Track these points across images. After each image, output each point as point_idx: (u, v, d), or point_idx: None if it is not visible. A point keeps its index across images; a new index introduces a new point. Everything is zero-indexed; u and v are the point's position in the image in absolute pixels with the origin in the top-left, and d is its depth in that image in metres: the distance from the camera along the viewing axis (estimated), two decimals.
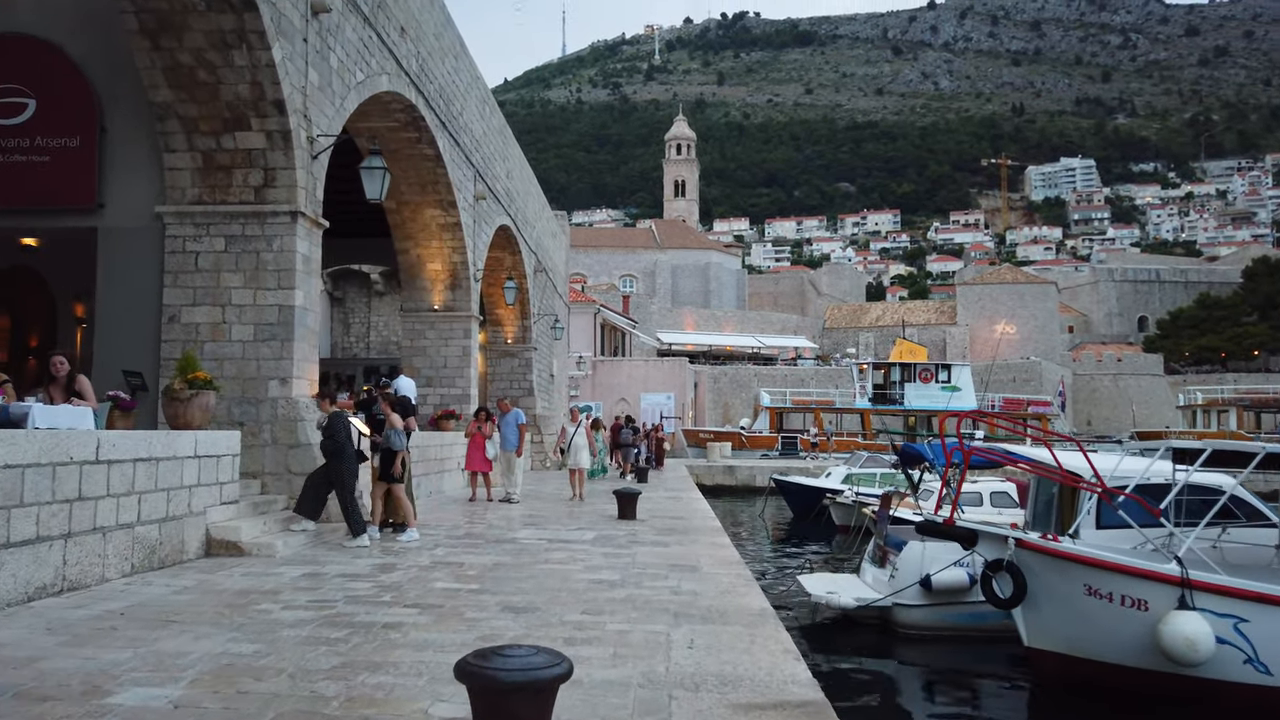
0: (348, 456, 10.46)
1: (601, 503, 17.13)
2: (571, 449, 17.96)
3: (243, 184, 11.87)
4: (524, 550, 10.53)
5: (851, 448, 44.40)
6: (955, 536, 9.67)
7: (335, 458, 10.38)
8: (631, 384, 52.98)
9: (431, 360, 21.98)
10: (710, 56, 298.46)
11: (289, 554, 9.69)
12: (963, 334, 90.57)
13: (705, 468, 39.11)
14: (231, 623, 6.44)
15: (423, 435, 18.19)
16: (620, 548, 10.98)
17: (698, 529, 13.45)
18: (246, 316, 11.77)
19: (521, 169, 29.44)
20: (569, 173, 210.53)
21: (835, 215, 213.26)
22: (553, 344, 36.10)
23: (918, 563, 11.33)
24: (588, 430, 18.33)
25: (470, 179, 21.71)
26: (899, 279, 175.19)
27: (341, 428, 10.40)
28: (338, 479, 10.44)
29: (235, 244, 11.84)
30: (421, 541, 11.08)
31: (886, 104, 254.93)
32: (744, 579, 8.90)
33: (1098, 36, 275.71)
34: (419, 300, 21.96)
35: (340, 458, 10.39)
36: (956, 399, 45.39)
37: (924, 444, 12.45)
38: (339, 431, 10.39)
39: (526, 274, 29.95)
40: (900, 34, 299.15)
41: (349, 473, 10.51)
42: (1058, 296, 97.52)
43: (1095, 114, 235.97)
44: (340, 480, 10.44)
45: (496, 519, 14.15)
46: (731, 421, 62.08)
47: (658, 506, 17.10)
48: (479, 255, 22.75)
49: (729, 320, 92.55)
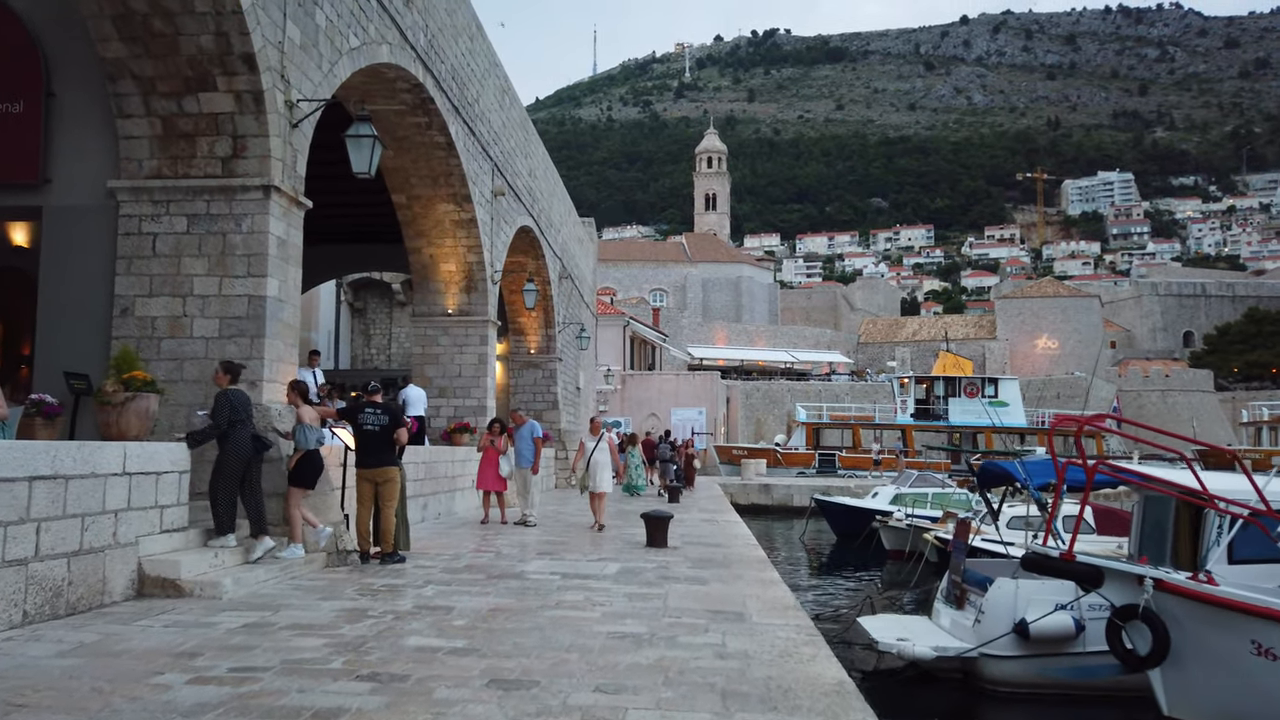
0: (233, 442, 8.59)
1: (629, 526, 15.26)
2: (591, 468, 14.90)
3: (208, 154, 10.14)
4: (531, 589, 8.67)
5: (894, 465, 42.24)
6: (1075, 575, 7.74)
7: (222, 444, 8.55)
8: (662, 399, 51.06)
9: (445, 369, 20.23)
10: (741, 73, 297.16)
11: (239, 594, 7.87)
12: (1002, 349, 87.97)
13: (739, 486, 37.10)
14: (100, 710, 4.61)
15: (432, 450, 16.42)
16: (649, 585, 9.09)
17: (740, 559, 11.53)
18: (211, 309, 10.02)
19: (546, 170, 27.74)
20: (599, 190, 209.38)
21: (867, 231, 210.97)
22: (579, 356, 34.31)
23: (1009, 604, 9.34)
24: (611, 445, 15.08)
25: (488, 173, 19.99)
26: (933, 294, 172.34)
27: (225, 407, 8.53)
28: (217, 468, 8.58)
29: (199, 224, 10.11)
30: (409, 577, 9.24)
31: (919, 119, 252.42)
32: (806, 633, 6.99)
33: (1134, 50, 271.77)
34: (431, 304, 20.23)
35: (225, 444, 8.56)
36: (1004, 415, 43.12)
37: (1014, 463, 10.43)
38: (221, 412, 8.54)
39: (551, 280, 28.21)
40: (932, 49, 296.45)
41: (233, 459, 8.59)
42: (1101, 311, 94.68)
43: (1133, 127, 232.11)
44: (220, 469, 8.57)
45: (507, 545, 12.31)
46: (764, 438, 59.99)
47: (692, 531, 15.20)
48: (497, 256, 21.00)
49: (761, 335, 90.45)
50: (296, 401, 9.48)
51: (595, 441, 14.97)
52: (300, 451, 9.29)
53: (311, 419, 9.40)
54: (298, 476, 9.29)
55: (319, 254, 29.37)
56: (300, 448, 9.30)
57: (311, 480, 9.40)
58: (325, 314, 37.81)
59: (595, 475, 14.90)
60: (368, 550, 10.16)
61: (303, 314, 36.40)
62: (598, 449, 14.91)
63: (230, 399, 8.62)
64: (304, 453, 9.28)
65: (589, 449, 15.01)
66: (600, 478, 14.88)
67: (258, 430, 8.95)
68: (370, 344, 42.04)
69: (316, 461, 9.45)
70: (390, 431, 10.19)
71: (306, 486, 9.36)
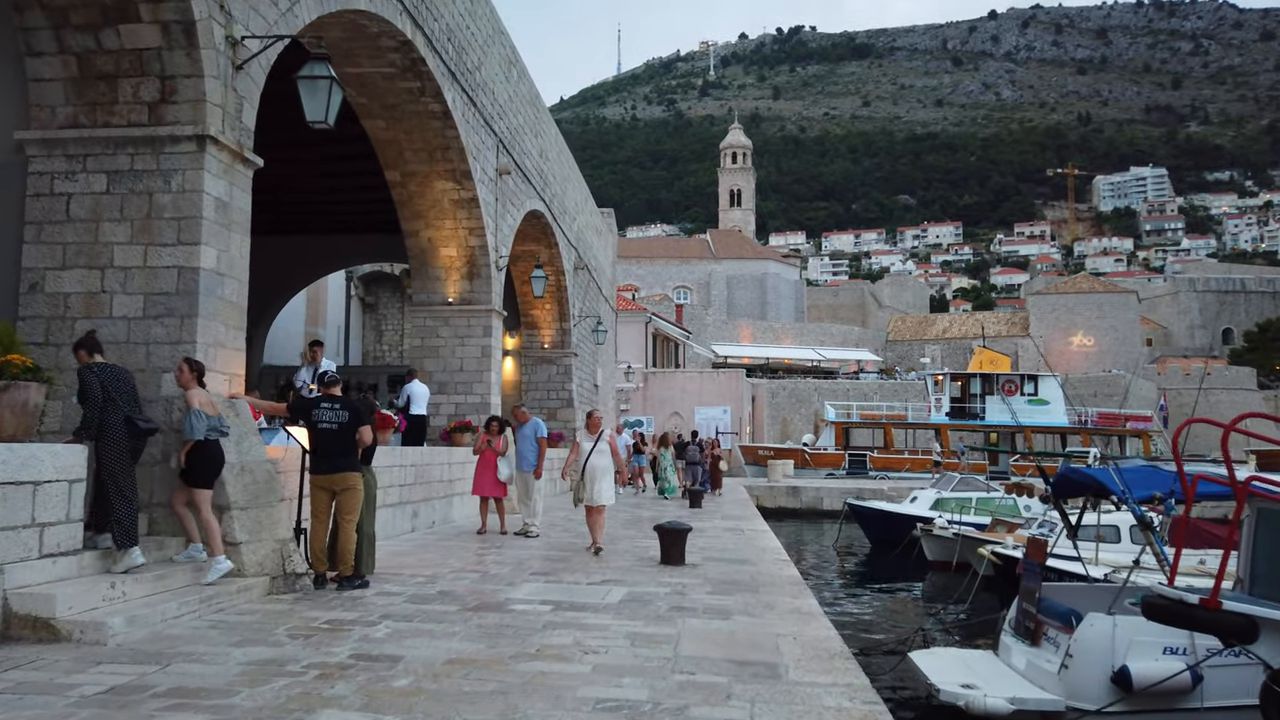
0: (109, 429, 6.91)
1: (642, 536, 13.51)
2: (587, 475, 11.79)
3: (132, 99, 8.48)
4: (510, 628, 6.93)
5: (928, 466, 40.28)
6: (1224, 629, 5.94)
7: (99, 435, 6.90)
8: (685, 397, 49.27)
9: (445, 362, 18.56)
10: (766, 71, 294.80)
11: (133, 637, 6.18)
12: (1036, 346, 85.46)
13: (766, 488, 35.26)
14: None
15: (424, 452, 14.74)
16: (658, 622, 7.35)
17: (769, 581, 9.77)
18: (134, 283, 8.36)
19: (560, 153, 26.04)
20: (623, 189, 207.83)
21: (895, 228, 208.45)
22: (596, 351, 32.60)
23: (1105, 646, 7.53)
24: (613, 445, 12.10)
25: (491, 149, 18.30)
26: (962, 292, 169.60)
27: (93, 388, 6.88)
28: (97, 466, 6.90)
29: (121, 182, 8.45)
30: (365, 608, 7.53)
31: (947, 115, 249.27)
32: (863, 699, 5.22)
33: (1167, 43, 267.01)
34: (430, 291, 18.57)
35: (103, 434, 6.90)
36: (1044, 413, 41.06)
37: (1107, 469, 8.53)
38: (90, 393, 6.86)
39: (565, 270, 26.52)
40: (960, 44, 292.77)
41: (112, 450, 6.92)
42: (1138, 307, 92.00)
43: (1166, 122, 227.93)
44: (102, 466, 6.90)
45: (499, 562, 10.60)
46: (791, 438, 58.10)
47: (714, 543, 13.43)
48: (503, 240, 19.31)
49: (787, 332, 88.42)
50: (188, 382, 7.77)
51: (592, 441, 11.96)
52: (189, 443, 7.58)
53: (203, 403, 7.67)
54: (192, 474, 7.61)
55: (326, 244, 27.92)
56: (188, 439, 7.60)
57: (211, 479, 7.70)
58: (334, 309, 36.31)
59: (592, 484, 11.84)
60: (323, 573, 8.48)
61: (310, 308, 35.04)
62: (595, 450, 11.86)
63: (98, 375, 6.94)
64: (194, 445, 7.57)
65: (584, 450, 11.95)
66: (598, 487, 11.81)
67: (133, 413, 7.19)
68: (382, 340, 40.56)
69: (215, 455, 7.75)
70: (351, 430, 8.50)
71: (204, 486, 7.66)
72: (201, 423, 7.52)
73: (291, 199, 25.07)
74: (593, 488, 11.87)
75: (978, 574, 14.23)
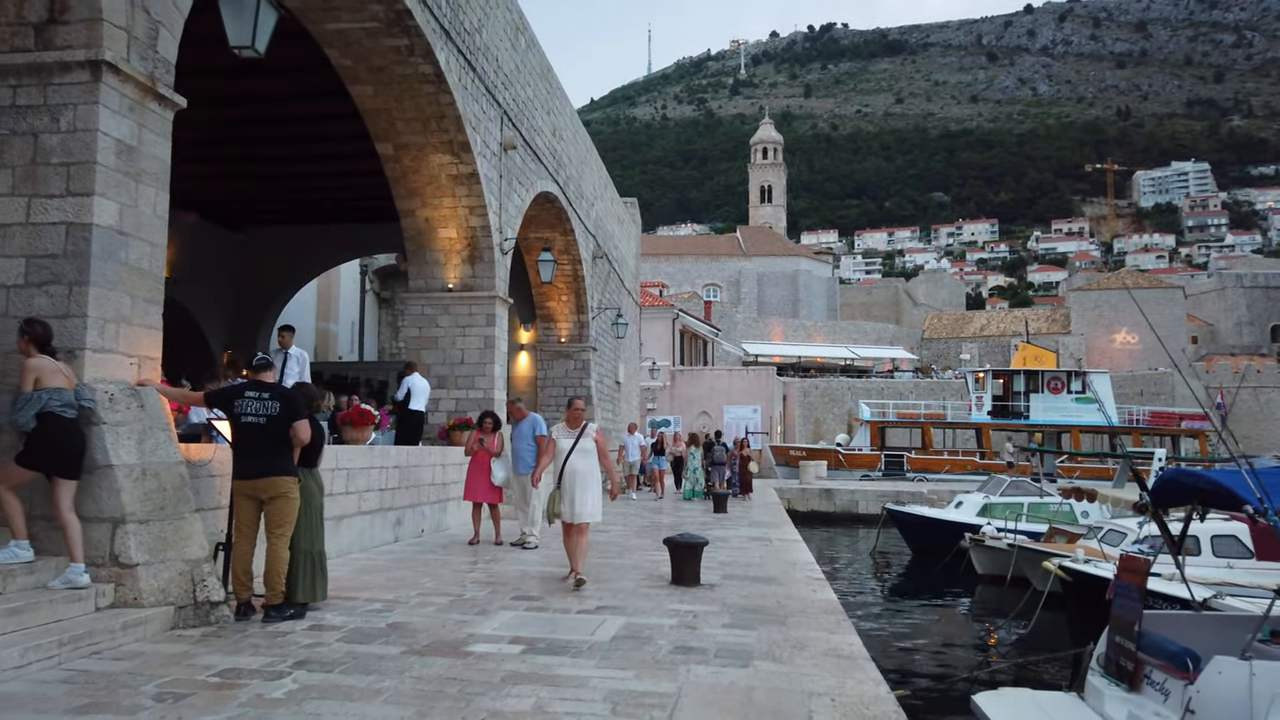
0: None
1: (655, 549, 11.81)
2: (565, 481, 9.03)
3: (14, 19, 6.93)
4: (455, 683, 5.27)
5: (969, 467, 38.30)
6: None
7: None
8: (714, 396, 47.46)
9: (445, 354, 16.98)
10: (797, 69, 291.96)
11: None
12: (1077, 344, 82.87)
13: (798, 491, 33.47)
14: None
15: (410, 452, 13.14)
16: (654, 670, 5.67)
17: (800, 608, 8.06)
18: (14, 243, 6.79)
19: (576, 133, 24.43)
20: (653, 189, 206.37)
21: (929, 226, 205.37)
22: (618, 346, 30.95)
23: (1240, 698, 5.78)
24: (601, 445, 9.21)
25: (494, 121, 16.70)
26: (998, 290, 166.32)
27: None
28: None
29: (0, 120, 6.91)
30: (284, 650, 5.91)
31: (981, 111, 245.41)
32: None
33: (1209, 35, 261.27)
34: (429, 277, 17.00)
35: None
36: (1092, 412, 38.89)
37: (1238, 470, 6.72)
38: None
39: (583, 259, 24.91)
40: (995, 40, 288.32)
41: None
42: (1184, 303, 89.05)
43: (1208, 116, 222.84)
44: None
45: (481, 582, 8.98)
46: (823, 438, 56.17)
47: (737, 556, 11.72)
48: (508, 221, 17.71)
49: (819, 330, 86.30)
50: (28, 349, 6.20)
51: (573, 437, 9.10)
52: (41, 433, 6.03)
53: (44, 374, 6.10)
54: (32, 456, 6.09)
55: (335, 233, 26.47)
56: (23, 427, 6.05)
57: (61, 465, 6.14)
58: (347, 303, 34.94)
59: (572, 493, 8.96)
60: (248, 600, 6.89)
61: (321, 302, 33.59)
62: (577, 449, 9.02)
63: None
64: (38, 424, 6.03)
65: (562, 449, 9.09)
66: (580, 499, 8.94)
67: None
68: (398, 336, 39.09)
69: (64, 435, 6.17)
70: (283, 425, 6.89)
71: (60, 475, 6.11)
72: (34, 404, 5.95)
73: (298, 186, 23.72)
74: (573, 499, 8.93)
75: (1041, 592, 12.40)
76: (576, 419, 9.22)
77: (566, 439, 9.16)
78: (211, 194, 24.04)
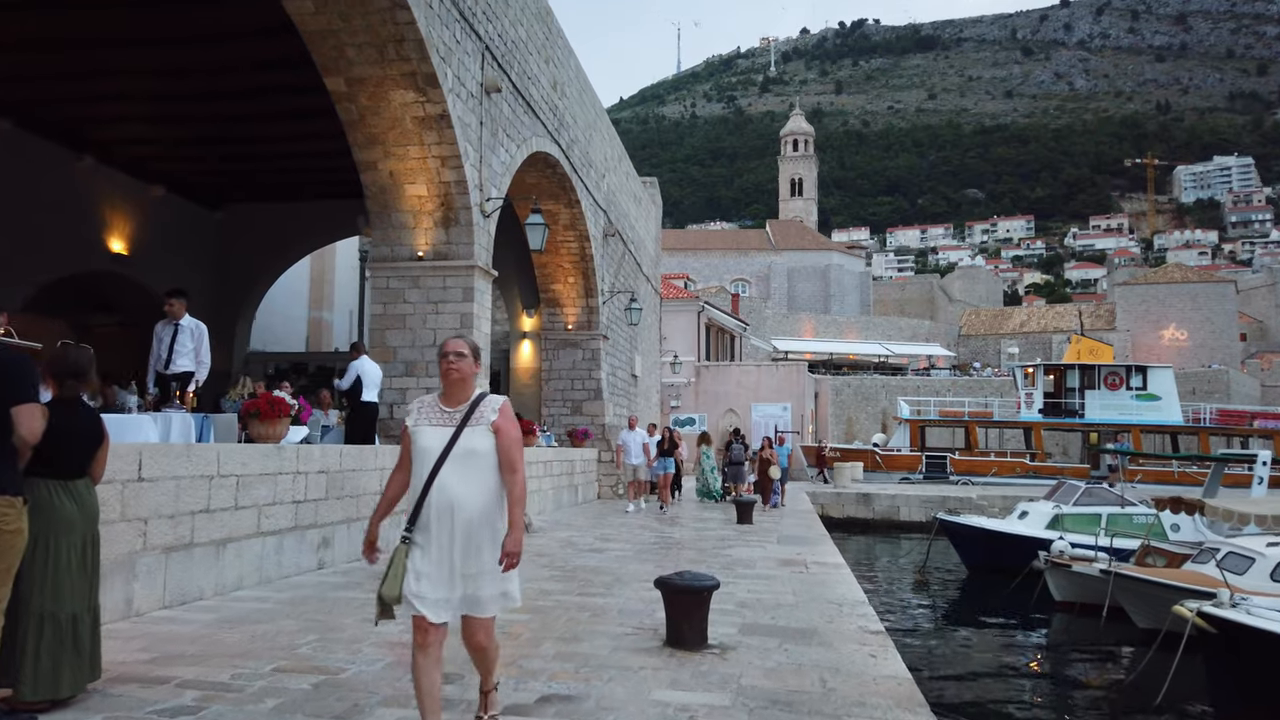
0: None
1: (653, 576, 8.94)
2: (432, 519, 3.92)
3: None
4: None
5: (1018, 469, 35.16)
6: None
7: None
8: (741, 392, 44.47)
9: (414, 335, 14.21)
10: (828, 66, 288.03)
11: None
12: (1123, 340, 79.14)
13: (833, 495, 30.49)
14: None
15: (345, 452, 10.35)
16: None
17: (858, 699, 5.18)
18: None
19: (583, 93, 21.62)
20: (682, 186, 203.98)
21: (962, 223, 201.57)
22: (634, 337, 28.12)
23: None
24: (506, 443, 4.01)
25: (472, 56, 13.92)
26: (1034, 287, 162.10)
27: None
28: None
29: None
30: None
31: (1016, 106, 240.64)
32: None
33: (1251, 28, 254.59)
34: (395, 244, 14.23)
35: None
36: (1154, 410, 35.64)
37: None
38: None
39: (591, 236, 22.13)
40: (1030, 34, 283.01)
41: None
42: (1235, 298, 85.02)
43: (1251, 109, 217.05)
44: None
45: (383, 646, 6.15)
46: (857, 437, 53.13)
47: (761, 591, 8.82)
48: (492, 179, 14.91)
49: (852, 326, 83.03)
50: None
51: (451, 424, 4.05)
52: None
53: None
54: None
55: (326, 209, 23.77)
56: None
57: None
58: (344, 291, 32.31)
59: (444, 551, 3.94)
60: None
61: (314, 289, 30.74)
62: (455, 453, 3.98)
63: None
64: None
65: (426, 451, 4.00)
66: (464, 561, 3.95)
67: None
68: None
69: None
70: None
71: None
72: None
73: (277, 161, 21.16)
74: (450, 562, 3.95)
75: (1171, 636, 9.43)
76: (456, 384, 4.14)
77: (435, 433, 4.06)
78: (184, 166, 21.66)
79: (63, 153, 19.11)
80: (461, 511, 3.94)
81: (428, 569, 3.91)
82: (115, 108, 18.06)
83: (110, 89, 16.95)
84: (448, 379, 4.15)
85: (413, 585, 3.90)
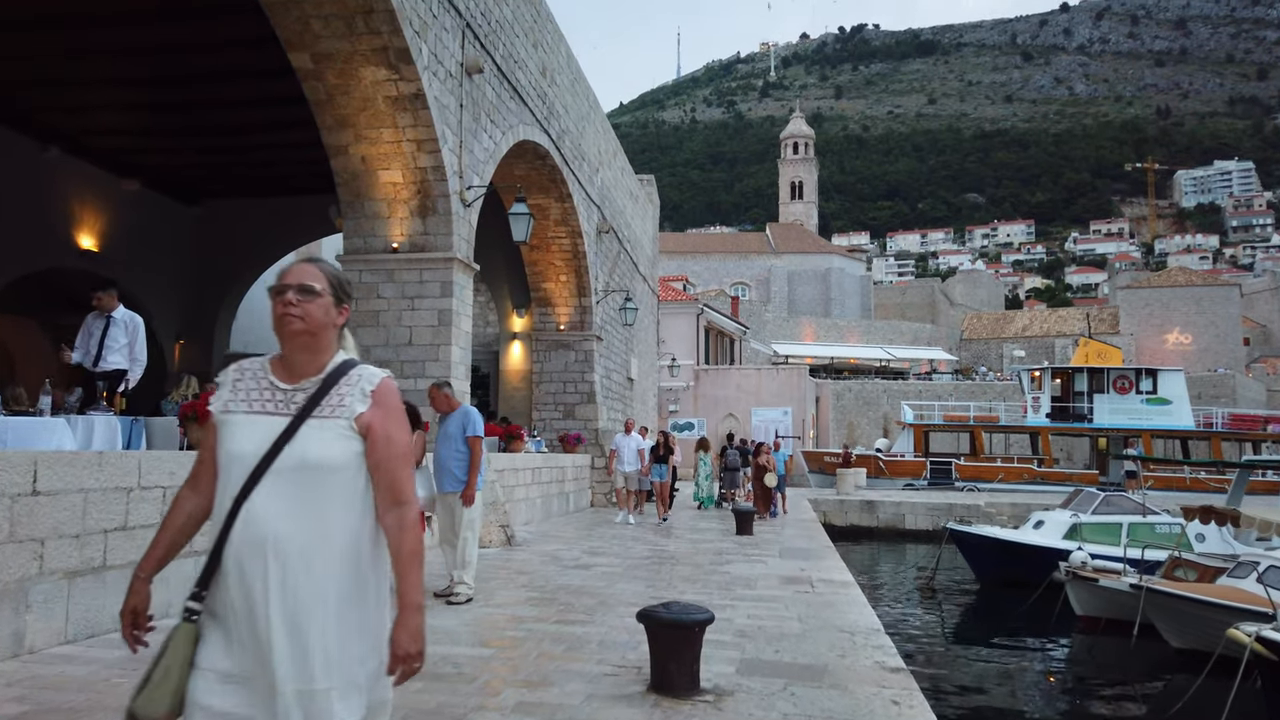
0: None
1: (643, 598, 7.96)
2: (234, 567, 2.25)
3: None
4: None
5: (1026, 475, 34.17)
6: None
7: None
8: (741, 397, 43.49)
9: (388, 333, 13.23)
10: (828, 70, 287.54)
11: None
12: (1127, 345, 78.10)
13: (835, 503, 29.47)
14: None
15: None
16: None
17: None
18: None
19: (575, 83, 20.67)
20: (682, 191, 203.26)
21: (963, 227, 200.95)
22: (630, 339, 27.15)
23: None
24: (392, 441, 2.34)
25: (451, 32, 12.96)
26: (1035, 292, 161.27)
27: None
28: None
29: None
30: None
31: (1016, 111, 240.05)
32: None
33: (1251, 32, 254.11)
34: (368, 234, 13.26)
35: None
36: (1164, 415, 34.67)
37: None
38: None
39: (584, 232, 21.16)
40: (1030, 39, 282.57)
41: None
42: (1240, 302, 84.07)
43: (1251, 114, 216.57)
44: None
45: None
46: (859, 442, 52.09)
47: (762, 616, 7.80)
48: (474, 166, 13.95)
49: (853, 330, 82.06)
50: None
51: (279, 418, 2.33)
52: None
53: None
54: None
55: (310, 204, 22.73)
56: None
57: None
58: None
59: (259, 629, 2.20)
60: None
61: None
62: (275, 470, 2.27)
63: None
64: None
65: (241, 456, 2.31)
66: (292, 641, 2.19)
67: None
68: None
69: None
70: None
71: None
72: None
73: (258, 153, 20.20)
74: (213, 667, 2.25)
75: (1234, 661, 8.42)
76: (299, 341, 2.38)
77: (258, 415, 2.35)
78: (159, 159, 20.70)
79: (27, 142, 18.17)
80: (289, 568, 2.20)
81: (230, 664, 2.23)
82: (80, 94, 17.07)
83: (73, 73, 15.99)
84: (286, 331, 2.36)
85: (201, 695, 2.20)
